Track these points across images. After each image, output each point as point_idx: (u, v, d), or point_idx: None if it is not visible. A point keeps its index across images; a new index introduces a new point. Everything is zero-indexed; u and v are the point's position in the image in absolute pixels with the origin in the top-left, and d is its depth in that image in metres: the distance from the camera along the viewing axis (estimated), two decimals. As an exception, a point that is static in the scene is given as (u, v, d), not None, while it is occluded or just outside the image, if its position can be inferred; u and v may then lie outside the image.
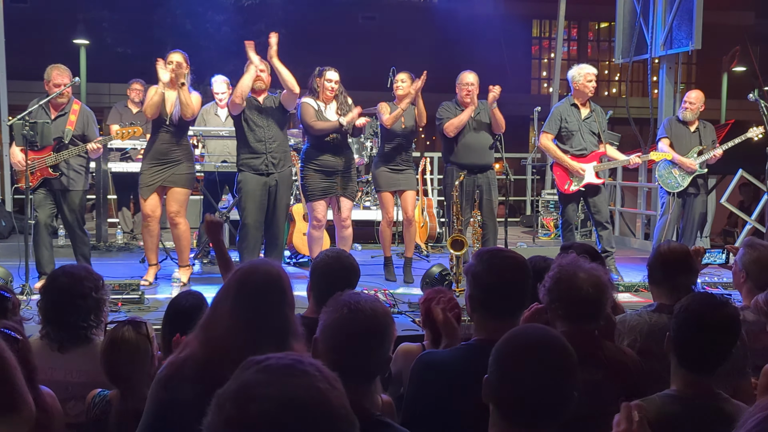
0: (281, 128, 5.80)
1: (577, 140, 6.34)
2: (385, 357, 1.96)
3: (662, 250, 3.10)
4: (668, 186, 6.76)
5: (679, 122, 6.83)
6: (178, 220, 5.69)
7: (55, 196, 5.61)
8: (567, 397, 1.63)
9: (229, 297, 2.06)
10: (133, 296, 5.11)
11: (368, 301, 1.96)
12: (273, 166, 5.67)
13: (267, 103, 5.71)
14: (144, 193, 5.61)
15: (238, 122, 5.74)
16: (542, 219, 9.77)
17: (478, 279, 2.26)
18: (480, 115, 6.13)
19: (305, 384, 1.10)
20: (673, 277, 2.99)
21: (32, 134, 5.31)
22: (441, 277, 5.39)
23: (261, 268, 2.10)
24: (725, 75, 17.77)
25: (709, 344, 2.12)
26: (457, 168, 6.09)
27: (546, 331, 1.74)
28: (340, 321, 1.90)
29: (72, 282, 2.77)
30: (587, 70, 6.39)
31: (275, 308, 2.04)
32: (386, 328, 1.94)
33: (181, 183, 5.63)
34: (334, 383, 1.14)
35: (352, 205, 6.00)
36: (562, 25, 12.18)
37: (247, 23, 17.69)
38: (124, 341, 2.51)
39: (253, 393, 1.08)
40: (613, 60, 9.45)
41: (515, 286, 2.25)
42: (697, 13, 7.47)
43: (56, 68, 5.53)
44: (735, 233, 8.83)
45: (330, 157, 5.75)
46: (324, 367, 1.16)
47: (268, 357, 1.16)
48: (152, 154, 5.61)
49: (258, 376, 1.11)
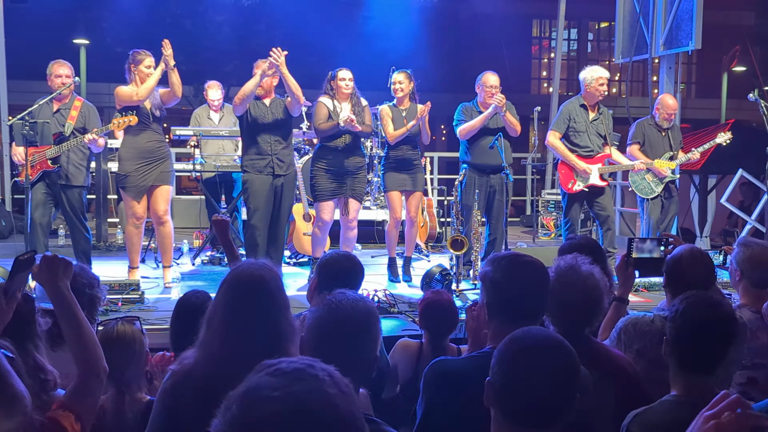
0: (288, 131, 5.79)
1: (584, 141, 6.32)
2: (368, 356, 1.95)
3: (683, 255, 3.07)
4: (642, 192, 6.65)
5: (653, 126, 6.71)
6: (166, 219, 5.64)
7: (54, 193, 5.60)
8: (569, 398, 1.64)
9: (220, 311, 2.02)
10: (133, 296, 5.11)
11: (350, 299, 1.95)
12: (279, 167, 5.67)
13: (273, 105, 5.71)
14: (136, 195, 5.51)
15: (243, 123, 5.74)
16: (542, 219, 9.78)
17: (496, 285, 2.17)
18: (496, 116, 6.10)
19: (312, 388, 1.09)
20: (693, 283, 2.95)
21: (32, 134, 5.33)
22: (441, 277, 5.38)
23: (245, 274, 2.04)
24: (725, 75, 17.77)
25: (707, 345, 2.12)
26: (469, 168, 6.10)
27: (547, 333, 1.74)
28: (319, 320, 1.91)
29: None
30: (600, 74, 6.32)
31: (264, 314, 1.98)
32: (367, 326, 1.93)
33: (168, 180, 5.62)
34: (344, 389, 1.13)
35: (360, 207, 6.01)
36: (562, 25, 12.18)
37: (247, 23, 17.70)
38: (118, 334, 2.49)
39: (259, 395, 1.08)
40: (613, 60, 9.45)
41: (535, 292, 2.16)
42: (697, 13, 7.46)
43: (57, 62, 5.62)
44: (735, 233, 8.82)
45: (341, 158, 5.76)
46: (336, 372, 1.15)
47: (281, 360, 1.15)
48: (138, 153, 5.50)
49: (267, 379, 1.11)
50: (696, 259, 2.99)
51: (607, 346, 2.59)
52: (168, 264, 5.77)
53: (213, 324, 2.02)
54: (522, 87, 25.75)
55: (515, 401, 1.63)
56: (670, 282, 3.03)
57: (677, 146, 6.71)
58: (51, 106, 5.60)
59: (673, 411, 2.06)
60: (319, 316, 1.92)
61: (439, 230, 8.39)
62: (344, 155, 5.77)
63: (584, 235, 4.82)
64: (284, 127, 5.74)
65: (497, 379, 1.66)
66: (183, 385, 1.98)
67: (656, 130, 6.69)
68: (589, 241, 3.33)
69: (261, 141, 5.65)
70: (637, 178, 6.68)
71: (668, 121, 6.65)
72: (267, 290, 2.00)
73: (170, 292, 5.51)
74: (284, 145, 5.71)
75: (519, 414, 1.63)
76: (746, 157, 7.62)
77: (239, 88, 5.62)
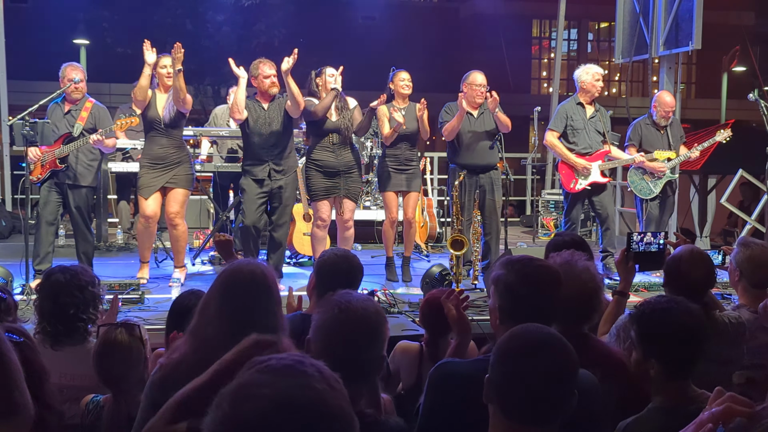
0: (287, 134, 5.75)
1: (583, 139, 6.33)
2: (378, 356, 1.97)
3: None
4: (641, 193, 6.62)
5: (651, 125, 6.70)
6: (178, 221, 5.71)
7: (62, 191, 5.64)
8: (568, 395, 1.65)
9: (216, 299, 2.07)
10: (133, 296, 5.12)
11: (359, 300, 1.97)
12: (275, 173, 5.66)
13: (272, 108, 5.68)
14: (145, 193, 5.61)
15: (242, 129, 5.76)
16: (542, 219, 9.77)
17: (509, 289, 2.15)
18: (483, 115, 6.12)
19: (301, 384, 1.10)
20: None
21: (32, 134, 5.34)
22: (441, 277, 5.38)
23: (245, 268, 2.11)
24: (725, 75, 17.77)
25: (677, 349, 2.11)
26: (459, 168, 6.10)
27: (546, 331, 1.75)
28: (331, 321, 1.92)
29: (68, 276, 2.80)
30: (595, 70, 6.39)
31: (262, 307, 2.05)
32: (378, 326, 1.95)
33: (182, 184, 5.66)
34: (333, 384, 1.14)
35: (355, 207, 6.01)
36: (562, 25, 12.19)
37: (247, 23, 17.72)
38: (117, 343, 2.49)
39: (249, 392, 1.09)
40: (613, 60, 9.45)
41: (548, 297, 2.15)
42: (697, 13, 7.46)
43: (70, 65, 5.74)
44: (735, 233, 8.82)
45: (330, 158, 5.76)
46: (325, 367, 1.16)
47: (271, 357, 1.16)
48: (150, 159, 5.62)
49: (257, 375, 1.12)
50: (696, 260, 2.98)
51: (606, 343, 2.59)
52: (179, 265, 5.87)
53: (207, 312, 2.07)
54: (522, 87, 25.75)
55: (513, 398, 1.65)
56: (670, 282, 3.03)
57: (677, 142, 6.70)
58: (62, 107, 5.67)
59: (659, 419, 2.07)
60: (330, 318, 1.92)
61: (439, 230, 8.39)
62: (334, 154, 5.77)
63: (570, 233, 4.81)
64: (283, 131, 5.70)
65: (496, 376, 1.68)
66: (171, 377, 2.00)
67: (654, 129, 6.68)
68: (575, 238, 3.33)
69: (258, 146, 5.65)
70: (636, 178, 6.68)
71: (666, 119, 6.64)
72: (265, 284, 2.08)
73: (170, 292, 5.52)
74: (281, 149, 5.70)
75: (516, 411, 1.65)
76: (746, 157, 7.61)
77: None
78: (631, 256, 3.25)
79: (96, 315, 2.82)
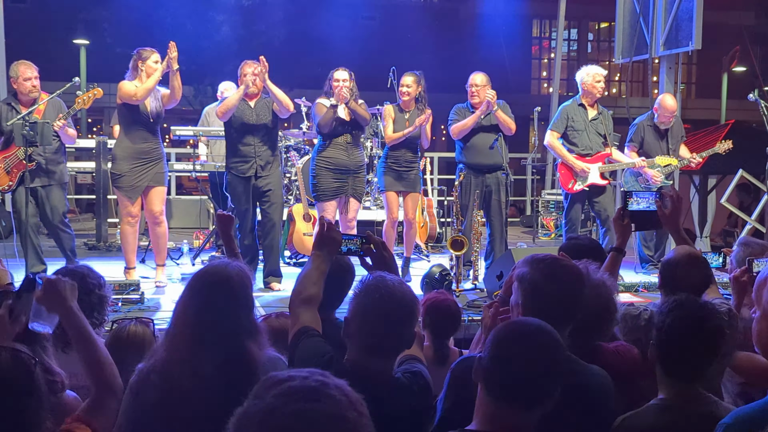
0: (272, 132, 5.81)
1: (583, 140, 6.32)
2: (412, 333, 2.14)
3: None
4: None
5: (652, 127, 6.69)
6: (162, 219, 5.67)
7: (36, 195, 5.58)
8: (551, 383, 1.74)
9: (184, 299, 2.13)
10: (133, 296, 5.11)
11: (396, 284, 2.12)
12: (261, 169, 5.69)
13: (259, 107, 5.71)
14: (131, 195, 5.50)
15: (227, 126, 5.78)
16: (542, 219, 9.78)
17: (535, 287, 2.16)
18: (491, 116, 6.10)
19: (333, 414, 1.08)
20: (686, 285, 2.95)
21: (32, 134, 5.30)
22: (441, 277, 5.37)
23: (212, 269, 2.16)
24: (725, 75, 17.77)
25: (694, 358, 2.11)
26: (465, 168, 6.10)
27: (541, 324, 1.84)
28: (373, 304, 2.06)
29: (75, 280, 2.77)
30: (595, 71, 6.38)
31: (224, 308, 2.07)
32: (414, 308, 2.14)
33: (163, 181, 5.65)
34: (360, 408, 1.13)
35: (359, 207, 6.01)
36: (562, 25, 12.19)
37: (247, 23, 17.70)
38: (130, 334, 2.55)
39: (276, 423, 1.06)
40: (613, 60, 9.44)
41: (574, 297, 2.17)
42: (697, 13, 7.46)
43: (23, 63, 5.57)
44: (735, 233, 8.82)
45: (343, 156, 5.76)
46: (348, 387, 1.15)
47: (292, 377, 1.12)
48: (133, 154, 5.48)
49: (283, 401, 1.08)
50: (692, 264, 2.95)
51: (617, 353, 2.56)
52: (161, 263, 5.79)
53: (176, 312, 2.13)
54: (522, 87, 25.77)
55: (495, 377, 1.74)
56: (665, 284, 3.01)
57: (677, 143, 6.70)
58: (19, 110, 5.51)
59: (660, 415, 2.08)
60: (372, 301, 2.07)
61: (439, 230, 8.39)
62: (346, 153, 5.77)
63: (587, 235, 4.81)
64: (269, 129, 5.74)
65: (486, 357, 1.78)
66: (145, 381, 2.03)
67: (654, 131, 6.68)
68: (594, 243, 3.33)
69: (244, 143, 5.66)
70: (631, 179, 6.70)
71: (667, 123, 6.64)
72: (228, 287, 2.10)
73: (164, 292, 5.51)
74: (268, 147, 5.72)
75: (500, 388, 1.74)
76: (746, 158, 7.61)
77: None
78: (627, 213, 3.25)
79: (102, 319, 2.81)
